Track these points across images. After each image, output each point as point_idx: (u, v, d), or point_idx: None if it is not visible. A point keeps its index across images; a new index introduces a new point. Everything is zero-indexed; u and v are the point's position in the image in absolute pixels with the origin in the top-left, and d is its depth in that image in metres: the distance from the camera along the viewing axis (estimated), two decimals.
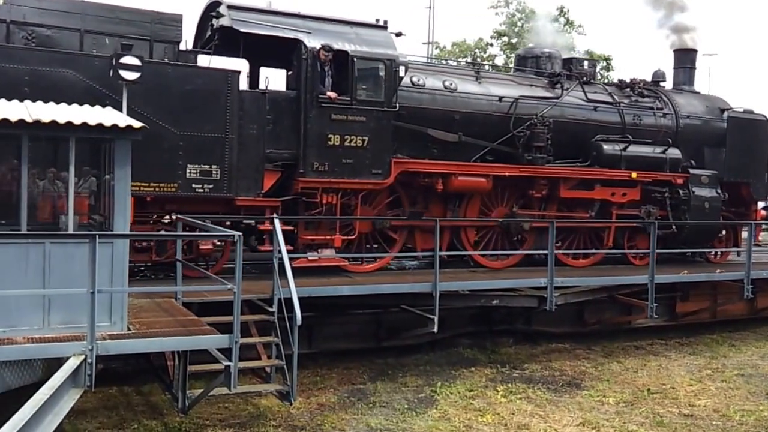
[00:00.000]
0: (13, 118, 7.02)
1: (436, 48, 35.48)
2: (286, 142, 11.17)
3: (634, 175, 14.28)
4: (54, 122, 7.18)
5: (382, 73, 11.59)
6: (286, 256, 9.10)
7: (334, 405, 10.13)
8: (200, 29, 12.05)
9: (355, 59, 11.39)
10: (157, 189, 10.19)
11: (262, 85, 12.34)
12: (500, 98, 13.35)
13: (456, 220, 13.06)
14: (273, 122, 11.03)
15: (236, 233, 7.69)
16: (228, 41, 11.37)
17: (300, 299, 8.78)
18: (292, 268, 9.17)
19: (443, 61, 14.60)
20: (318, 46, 11.13)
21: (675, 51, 17.26)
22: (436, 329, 11.06)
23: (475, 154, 13.16)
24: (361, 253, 12.17)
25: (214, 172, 10.48)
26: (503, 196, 13.63)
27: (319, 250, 11.43)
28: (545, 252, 12.11)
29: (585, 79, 14.74)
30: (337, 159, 11.32)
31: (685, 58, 17.06)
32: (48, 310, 7.24)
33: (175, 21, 10.86)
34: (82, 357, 6.87)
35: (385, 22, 12.32)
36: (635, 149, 14.46)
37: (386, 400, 10.46)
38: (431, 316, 10.97)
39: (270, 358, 9.28)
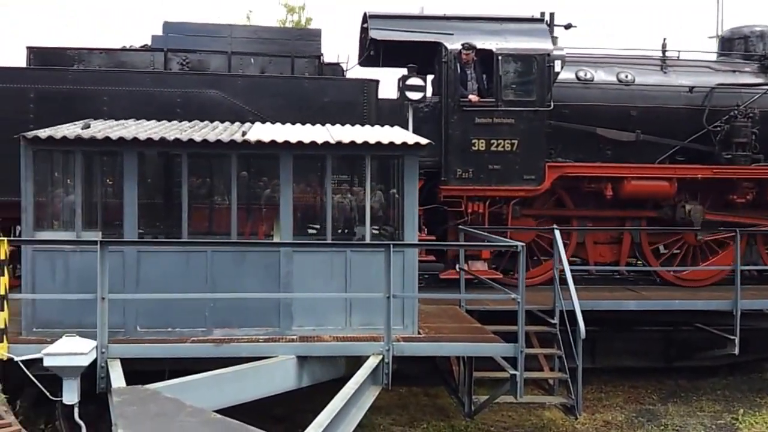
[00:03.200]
0: (320, 140, 7.91)
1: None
2: (428, 149, 10.70)
3: None
4: (353, 142, 7.95)
5: (533, 70, 10.67)
6: (567, 268, 9.01)
7: (621, 424, 9.76)
8: (361, 42, 11.92)
9: (500, 57, 10.63)
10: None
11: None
12: (691, 89, 11.62)
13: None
14: (414, 129, 10.39)
15: (520, 243, 7.81)
16: (386, 51, 11.26)
17: (583, 312, 8.63)
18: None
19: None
20: (459, 48, 10.60)
21: None
22: (737, 351, 10.05)
23: (661, 154, 11.59)
24: (510, 265, 11.23)
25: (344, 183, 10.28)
26: (696, 202, 11.75)
27: (469, 262, 10.73)
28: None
29: None
30: (482, 165, 10.61)
31: None
32: (349, 312, 7.99)
33: (315, 36, 11.14)
34: (380, 357, 7.46)
35: (552, 14, 11.33)
36: None
37: (679, 423, 9.84)
38: (731, 337, 10.03)
39: (552, 370, 9.24)
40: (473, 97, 10.65)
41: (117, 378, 6.69)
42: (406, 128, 10.45)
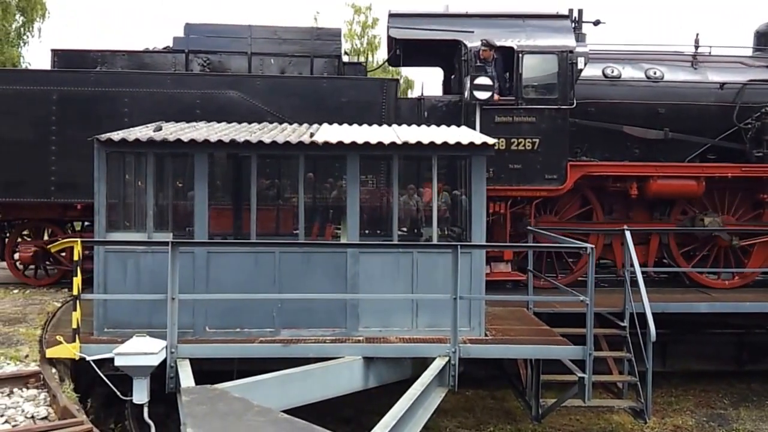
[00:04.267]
0: (387, 140, 7.85)
1: None
2: None
3: None
4: (419, 142, 7.87)
5: (554, 68, 10.36)
6: (638, 270, 8.77)
7: (692, 428, 9.56)
8: (388, 41, 11.67)
9: (521, 55, 10.37)
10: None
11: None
12: (722, 85, 11.24)
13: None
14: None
15: (589, 245, 7.63)
16: (408, 50, 11.07)
17: (653, 315, 8.39)
18: None
19: None
20: (478, 45, 10.37)
21: None
22: None
23: (691, 152, 11.26)
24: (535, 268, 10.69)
25: (370, 181, 10.34)
26: (726, 201, 11.32)
27: (491, 264, 10.40)
28: None
29: None
30: (503, 164, 10.26)
31: None
32: (416, 313, 7.92)
33: (334, 36, 11.06)
34: (447, 358, 7.37)
35: (580, 11, 10.97)
36: None
37: (751, 428, 9.59)
38: None
39: (621, 374, 9.03)
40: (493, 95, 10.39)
41: (186, 377, 6.75)
42: (421, 125, 10.12)
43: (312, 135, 7.98)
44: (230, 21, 11.58)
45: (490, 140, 8.01)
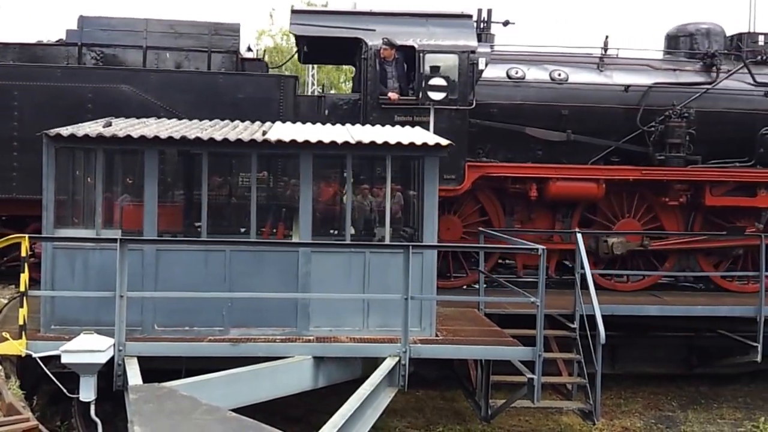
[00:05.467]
0: (340, 140, 7.86)
1: None
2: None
3: None
4: (373, 142, 7.89)
5: (455, 68, 10.30)
6: (589, 272, 8.90)
7: (640, 430, 9.71)
8: (296, 39, 11.58)
9: (422, 54, 10.30)
10: None
11: None
12: (626, 87, 11.27)
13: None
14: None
15: (540, 246, 7.72)
16: (311, 47, 10.97)
17: (603, 317, 8.51)
18: None
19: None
20: (379, 44, 10.34)
21: None
22: (759, 358, 9.89)
23: (595, 155, 11.27)
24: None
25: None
26: (629, 205, 11.43)
27: None
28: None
29: (760, 58, 11.72)
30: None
31: None
32: (367, 313, 7.93)
33: (232, 31, 10.95)
34: (397, 358, 7.40)
35: (489, 11, 11.05)
36: None
37: (699, 431, 9.78)
38: (754, 344, 9.86)
39: (571, 375, 9.14)
40: (393, 95, 10.35)
41: (134, 375, 6.71)
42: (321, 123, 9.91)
43: (265, 133, 7.97)
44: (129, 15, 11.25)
45: (444, 141, 8.06)
